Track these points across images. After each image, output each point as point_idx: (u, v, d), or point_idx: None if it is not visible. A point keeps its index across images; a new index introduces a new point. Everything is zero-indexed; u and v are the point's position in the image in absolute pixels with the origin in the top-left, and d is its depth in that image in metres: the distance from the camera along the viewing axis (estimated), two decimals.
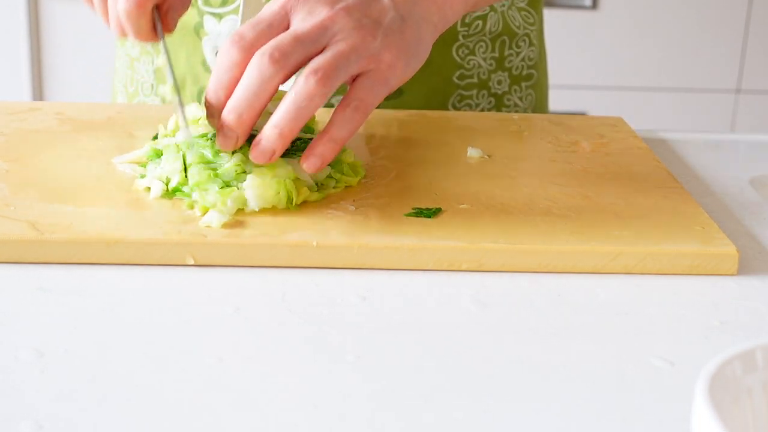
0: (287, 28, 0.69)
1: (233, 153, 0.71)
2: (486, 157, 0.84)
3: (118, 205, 0.70)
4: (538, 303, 0.63)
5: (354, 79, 0.70)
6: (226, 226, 0.67)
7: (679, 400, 0.53)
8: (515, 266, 0.67)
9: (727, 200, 0.81)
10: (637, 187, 0.79)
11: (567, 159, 0.85)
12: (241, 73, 0.67)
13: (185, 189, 0.71)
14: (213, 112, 0.70)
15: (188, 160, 0.72)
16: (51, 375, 0.53)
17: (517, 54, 1.03)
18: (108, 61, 2.10)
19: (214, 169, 0.71)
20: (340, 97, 0.94)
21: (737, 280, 0.68)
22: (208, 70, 0.98)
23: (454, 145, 0.86)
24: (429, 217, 0.71)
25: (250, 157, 0.69)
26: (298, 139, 0.74)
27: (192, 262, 0.66)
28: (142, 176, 0.74)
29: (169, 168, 0.72)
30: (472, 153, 0.84)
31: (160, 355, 0.56)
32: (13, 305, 0.61)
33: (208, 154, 0.72)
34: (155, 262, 0.66)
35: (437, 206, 0.72)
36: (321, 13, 0.68)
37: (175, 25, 0.78)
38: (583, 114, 2.33)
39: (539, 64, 1.07)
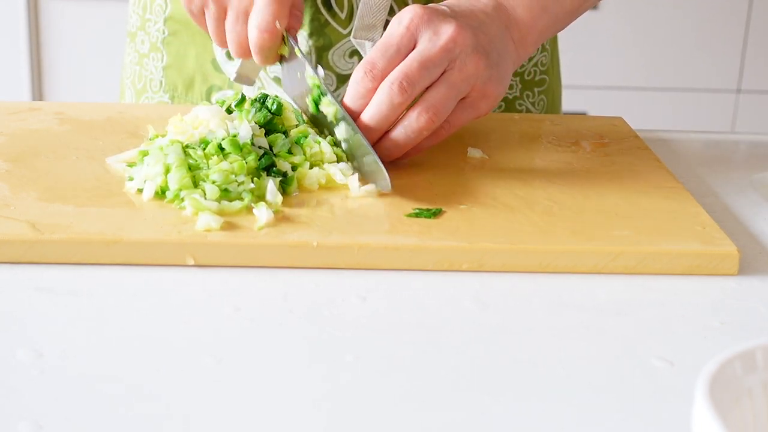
0: (413, 48, 0.75)
1: (221, 158, 0.73)
2: (486, 157, 0.84)
3: (118, 206, 0.70)
4: (538, 303, 0.63)
5: None
6: (225, 227, 0.67)
7: (679, 400, 0.53)
8: (516, 266, 0.67)
9: (728, 200, 0.81)
10: (638, 187, 0.79)
11: (567, 159, 0.85)
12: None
13: (168, 194, 0.71)
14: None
15: (171, 164, 0.72)
16: (50, 375, 0.53)
17: (530, 59, 1.02)
18: (107, 61, 2.10)
19: (195, 175, 0.71)
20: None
21: (738, 280, 0.68)
22: (217, 69, 0.98)
23: (455, 145, 0.86)
24: (430, 217, 0.71)
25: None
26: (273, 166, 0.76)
27: (192, 263, 0.66)
28: (131, 178, 0.74)
29: (152, 171, 0.72)
30: (473, 153, 0.84)
31: (159, 356, 0.55)
32: (12, 305, 0.61)
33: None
34: (155, 262, 0.66)
35: (438, 207, 0.72)
36: (445, 33, 0.75)
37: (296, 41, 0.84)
38: (583, 114, 2.33)
39: (551, 69, 1.06)
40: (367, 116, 0.75)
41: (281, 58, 0.82)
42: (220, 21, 0.84)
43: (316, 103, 0.78)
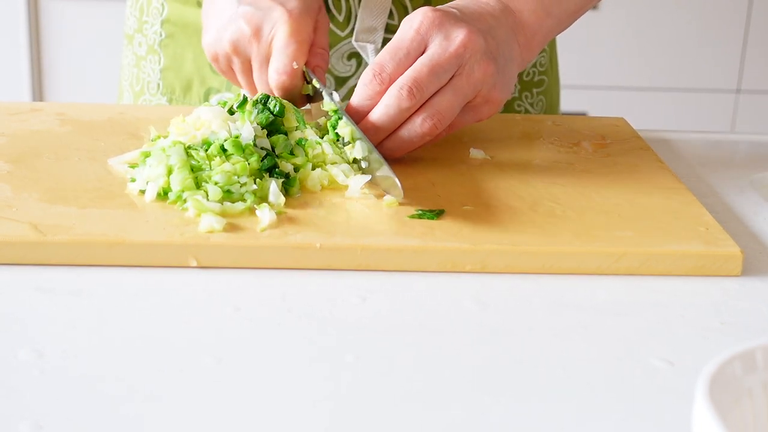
0: (423, 52, 0.75)
1: (223, 159, 0.73)
2: (488, 158, 0.84)
3: (121, 207, 0.70)
4: (539, 304, 0.63)
5: None
6: (227, 228, 0.67)
7: (680, 401, 0.53)
8: (519, 268, 0.67)
9: (728, 200, 0.81)
10: (640, 187, 0.79)
11: (569, 160, 0.85)
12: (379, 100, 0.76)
13: (171, 195, 0.71)
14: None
15: (173, 165, 0.72)
16: (50, 375, 0.53)
17: None
18: (107, 61, 2.10)
19: (197, 176, 0.71)
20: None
21: (740, 280, 0.68)
22: (214, 71, 0.98)
23: (457, 146, 0.86)
24: (432, 218, 0.71)
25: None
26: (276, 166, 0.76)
27: (195, 264, 0.66)
28: (133, 180, 0.74)
29: (154, 172, 0.72)
30: (475, 154, 0.84)
31: (160, 356, 0.55)
32: (12, 305, 0.61)
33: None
34: (158, 263, 0.66)
35: (440, 208, 0.72)
36: (457, 38, 0.75)
37: (324, 81, 0.85)
38: (584, 114, 2.33)
39: (550, 70, 1.06)
40: (374, 117, 0.76)
41: (309, 99, 0.84)
42: (248, 74, 0.85)
43: (334, 127, 0.78)
